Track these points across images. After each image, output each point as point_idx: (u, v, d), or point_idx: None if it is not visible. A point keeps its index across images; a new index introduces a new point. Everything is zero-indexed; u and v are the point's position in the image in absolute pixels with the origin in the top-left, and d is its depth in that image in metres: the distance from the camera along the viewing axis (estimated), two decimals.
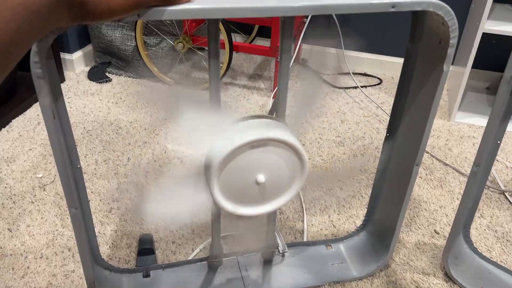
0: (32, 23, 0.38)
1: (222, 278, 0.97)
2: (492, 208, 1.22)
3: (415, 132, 0.80)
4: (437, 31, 0.70)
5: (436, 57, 0.71)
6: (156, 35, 1.78)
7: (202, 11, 0.55)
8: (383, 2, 0.60)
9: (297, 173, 0.72)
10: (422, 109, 0.77)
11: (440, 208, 1.22)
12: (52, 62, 0.66)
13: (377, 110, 1.70)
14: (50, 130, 0.65)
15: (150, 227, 1.11)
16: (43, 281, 0.97)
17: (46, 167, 1.31)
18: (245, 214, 0.73)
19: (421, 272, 1.02)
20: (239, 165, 0.67)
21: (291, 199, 0.75)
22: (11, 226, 1.10)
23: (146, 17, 0.53)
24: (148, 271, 0.96)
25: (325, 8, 0.58)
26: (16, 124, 1.52)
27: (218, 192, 0.69)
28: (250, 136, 0.65)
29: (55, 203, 1.17)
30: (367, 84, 1.91)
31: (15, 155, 1.36)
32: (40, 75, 0.59)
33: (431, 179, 1.33)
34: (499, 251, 1.09)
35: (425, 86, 0.76)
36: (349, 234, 1.08)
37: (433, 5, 0.62)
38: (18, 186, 1.23)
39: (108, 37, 1.80)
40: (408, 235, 1.12)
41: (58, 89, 0.69)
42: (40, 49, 0.56)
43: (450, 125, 1.63)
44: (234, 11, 0.56)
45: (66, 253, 1.03)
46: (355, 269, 1.00)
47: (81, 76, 1.86)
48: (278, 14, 0.59)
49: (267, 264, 1.00)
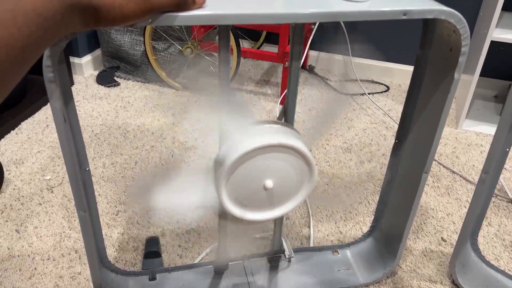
0: (45, 28, 0.38)
1: (228, 282, 0.97)
2: (500, 216, 1.22)
3: (424, 140, 0.80)
4: (448, 38, 0.70)
5: (447, 65, 0.71)
6: (165, 40, 1.79)
7: (213, 17, 0.56)
8: (394, 10, 0.60)
9: (305, 179, 0.72)
10: (432, 117, 0.77)
11: (447, 216, 1.21)
12: (64, 67, 0.66)
13: (384, 117, 1.70)
14: (61, 133, 0.66)
15: (157, 231, 1.11)
16: (50, 282, 0.97)
17: (54, 169, 1.32)
18: (252, 219, 0.73)
19: (428, 280, 1.02)
20: (248, 170, 0.68)
21: (298, 205, 0.75)
22: (19, 228, 1.11)
23: (157, 23, 0.54)
24: (154, 274, 0.96)
25: (337, 15, 0.59)
26: (25, 127, 1.53)
27: (226, 196, 0.69)
28: (259, 142, 0.65)
29: (62, 205, 1.18)
30: (374, 91, 1.91)
31: (24, 157, 1.37)
32: (52, 79, 0.59)
33: (439, 186, 1.33)
34: (507, 260, 1.08)
35: (435, 94, 0.76)
36: (355, 241, 1.07)
37: (445, 13, 0.62)
38: (26, 188, 1.24)
39: (117, 41, 1.82)
40: (415, 242, 1.12)
41: (69, 92, 0.69)
42: (52, 54, 0.57)
43: (458, 133, 1.62)
44: (246, 18, 0.57)
45: (73, 255, 1.04)
46: (361, 275, 1.00)
47: (90, 80, 1.87)
48: (288, 21, 0.59)
49: (273, 269, 1.00)
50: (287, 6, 0.59)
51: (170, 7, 0.53)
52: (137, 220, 1.14)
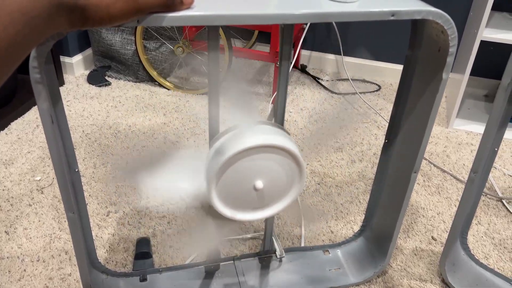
0: (31, 28, 0.38)
1: (219, 283, 0.97)
2: (489, 215, 1.23)
3: (414, 139, 0.80)
4: (437, 39, 0.70)
5: (436, 65, 0.71)
6: (156, 39, 1.78)
7: (202, 18, 0.55)
8: (382, 10, 0.60)
9: (295, 179, 0.72)
10: (421, 116, 0.78)
11: (437, 215, 1.22)
12: (51, 67, 0.66)
13: (375, 116, 1.71)
14: (48, 134, 0.65)
15: (148, 231, 1.10)
16: (40, 284, 0.96)
17: (44, 170, 1.31)
18: (243, 219, 0.73)
19: (418, 279, 1.02)
20: (238, 171, 0.68)
21: (289, 205, 0.75)
22: (8, 229, 1.10)
23: (145, 23, 0.53)
24: (145, 275, 0.96)
25: (326, 16, 0.59)
26: (15, 127, 1.51)
27: (216, 197, 0.69)
28: (249, 143, 0.65)
29: (52, 206, 1.17)
30: (365, 90, 1.91)
31: (14, 158, 1.35)
32: (38, 80, 0.59)
33: (429, 185, 1.33)
34: (496, 258, 1.09)
35: (424, 94, 0.76)
36: (346, 240, 1.08)
37: (432, 13, 0.62)
38: (16, 189, 1.23)
39: (108, 41, 1.81)
40: (406, 241, 1.12)
41: (57, 93, 0.69)
42: (39, 54, 0.56)
43: (448, 132, 1.63)
44: (235, 18, 0.57)
45: (63, 256, 1.03)
46: (352, 274, 1.00)
47: (81, 80, 1.86)
48: (278, 22, 0.59)
49: (264, 269, 1.00)
50: (276, 6, 0.59)
51: (158, 7, 0.53)
52: (128, 220, 1.14)
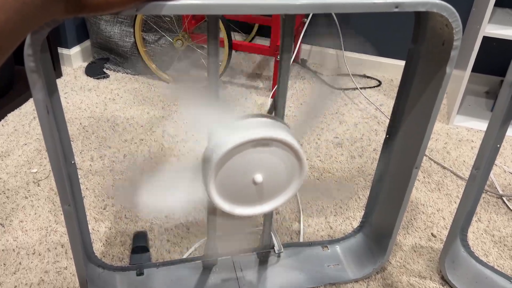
0: (24, 14, 0.37)
1: (216, 278, 0.96)
2: (489, 212, 1.22)
3: (415, 135, 0.79)
4: (441, 32, 0.69)
5: (439, 59, 0.70)
6: (155, 32, 1.77)
7: (203, 6, 0.54)
8: (386, 2, 0.59)
9: (295, 174, 0.71)
10: (423, 112, 0.77)
11: (437, 211, 1.21)
12: (47, 56, 0.64)
13: (375, 112, 1.69)
14: (44, 125, 0.64)
15: (145, 225, 1.09)
16: (35, 277, 0.95)
17: (41, 162, 1.29)
18: (241, 214, 0.72)
19: (418, 275, 1.01)
20: (237, 164, 0.66)
21: (288, 200, 0.74)
22: (3, 221, 1.08)
23: (144, 11, 0.52)
24: (142, 269, 0.95)
25: (328, 6, 0.57)
26: (11, 119, 1.50)
27: (215, 191, 0.68)
28: (249, 136, 0.64)
29: (49, 198, 1.16)
30: (366, 85, 1.90)
31: (10, 150, 1.34)
32: (33, 69, 0.57)
33: (429, 182, 1.32)
34: (496, 256, 1.08)
35: (427, 88, 0.75)
36: (345, 236, 1.07)
37: (437, 6, 0.61)
38: (12, 181, 1.21)
39: (106, 33, 1.79)
40: (405, 238, 1.11)
41: (53, 84, 0.67)
42: (34, 42, 0.55)
43: (449, 128, 1.62)
44: (236, 8, 0.55)
45: (59, 250, 1.02)
46: (351, 271, 1.00)
47: (79, 72, 1.84)
48: (279, 12, 0.58)
49: (262, 264, 0.99)
50: None
51: None
52: (125, 214, 1.13)
